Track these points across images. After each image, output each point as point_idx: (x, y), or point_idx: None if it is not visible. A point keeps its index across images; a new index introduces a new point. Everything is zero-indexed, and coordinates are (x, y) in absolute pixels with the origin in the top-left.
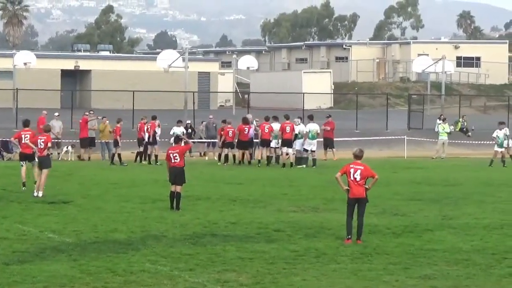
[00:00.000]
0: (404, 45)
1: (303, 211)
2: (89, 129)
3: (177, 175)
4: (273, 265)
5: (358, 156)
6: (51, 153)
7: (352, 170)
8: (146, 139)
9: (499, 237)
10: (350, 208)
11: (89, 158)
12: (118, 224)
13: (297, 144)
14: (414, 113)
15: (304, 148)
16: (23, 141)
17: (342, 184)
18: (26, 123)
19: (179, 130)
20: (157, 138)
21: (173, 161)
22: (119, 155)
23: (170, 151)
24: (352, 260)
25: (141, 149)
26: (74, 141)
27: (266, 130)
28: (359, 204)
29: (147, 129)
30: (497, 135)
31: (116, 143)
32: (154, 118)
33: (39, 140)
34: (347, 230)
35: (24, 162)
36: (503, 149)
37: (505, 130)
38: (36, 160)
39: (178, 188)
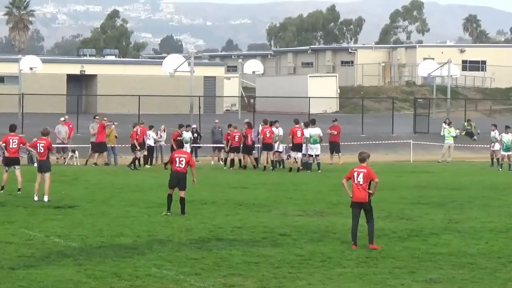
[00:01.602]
0: (409, 49)
1: (308, 215)
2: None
3: (180, 180)
4: (278, 269)
5: (360, 159)
6: (58, 158)
7: (355, 174)
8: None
9: (505, 240)
10: (355, 212)
11: (96, 163)
12: (123, 229)
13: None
14: (419, 117)
15: (308, 154)
16: (10, 146)
17: (348, 190)
18: (12, 128)
19: (187, 135)
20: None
21: (177, 165)
22: (135, 160)
23: (176, 155)
24: (357, 264)
25: (145, 153)
26: (76, 146)
27: (268, 135)
28: (364, 210)
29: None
30: (501, 138)
31: (134, 148)
32: (180, 126)
33: (38, 144)
34: (352, 236)
35: (13, 167)
36: (510, 153)
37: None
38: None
39: (182, 193)
